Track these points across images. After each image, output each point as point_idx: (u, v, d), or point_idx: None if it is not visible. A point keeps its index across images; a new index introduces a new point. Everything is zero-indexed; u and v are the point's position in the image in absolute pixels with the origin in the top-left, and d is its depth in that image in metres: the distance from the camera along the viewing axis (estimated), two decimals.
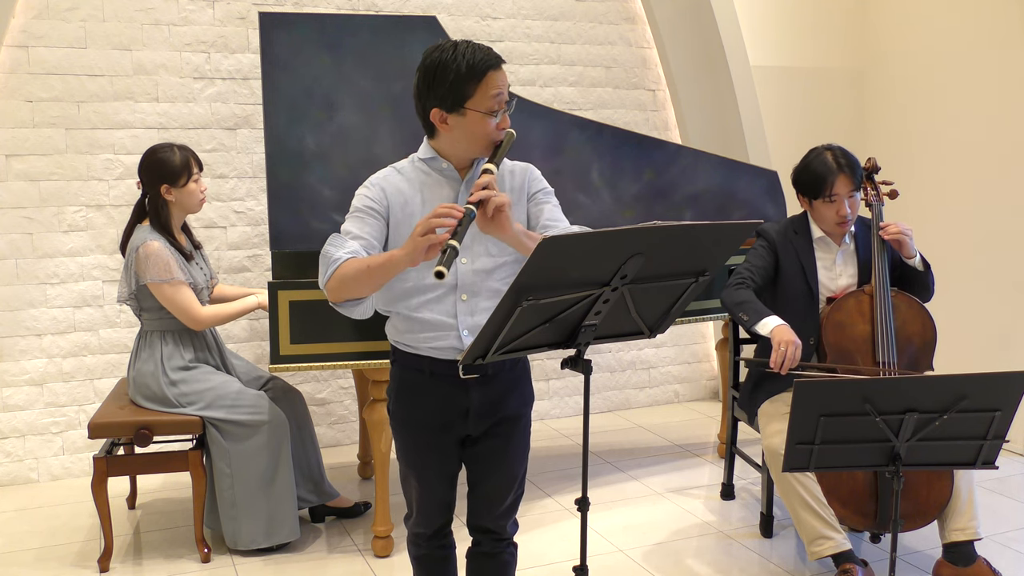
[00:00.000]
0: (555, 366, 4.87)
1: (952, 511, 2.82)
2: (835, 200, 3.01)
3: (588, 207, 3.96)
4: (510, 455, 2.16)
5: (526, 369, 2.20)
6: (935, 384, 2.09)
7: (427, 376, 2.08)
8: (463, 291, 2.04)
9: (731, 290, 3.09)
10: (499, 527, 2.22)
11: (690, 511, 3.61)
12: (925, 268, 3.07)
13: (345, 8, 4.29)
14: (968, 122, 4.50)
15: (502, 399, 2.11)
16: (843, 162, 3.01)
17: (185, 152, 3.22)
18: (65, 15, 3.90)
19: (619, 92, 4.89)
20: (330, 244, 2.02)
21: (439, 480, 2.17)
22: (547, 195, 2.15)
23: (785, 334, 2.85)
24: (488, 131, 2.03)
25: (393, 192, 2.07)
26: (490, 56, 2.01)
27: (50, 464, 4.02)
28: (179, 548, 3.28)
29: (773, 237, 3.16)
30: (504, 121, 2.05)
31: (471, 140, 2.04)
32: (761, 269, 3.13)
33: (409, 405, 2.13)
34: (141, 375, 3.20)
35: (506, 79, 2.04)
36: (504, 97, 2.02)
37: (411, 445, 2.16)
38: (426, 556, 2.28)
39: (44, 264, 3.96)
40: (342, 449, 4.41)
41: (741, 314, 3.01)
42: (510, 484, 2.19)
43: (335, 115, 3.41)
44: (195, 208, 3.27)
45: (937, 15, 4.65)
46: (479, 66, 1.98)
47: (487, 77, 1.99)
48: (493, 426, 2.13)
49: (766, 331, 2.91)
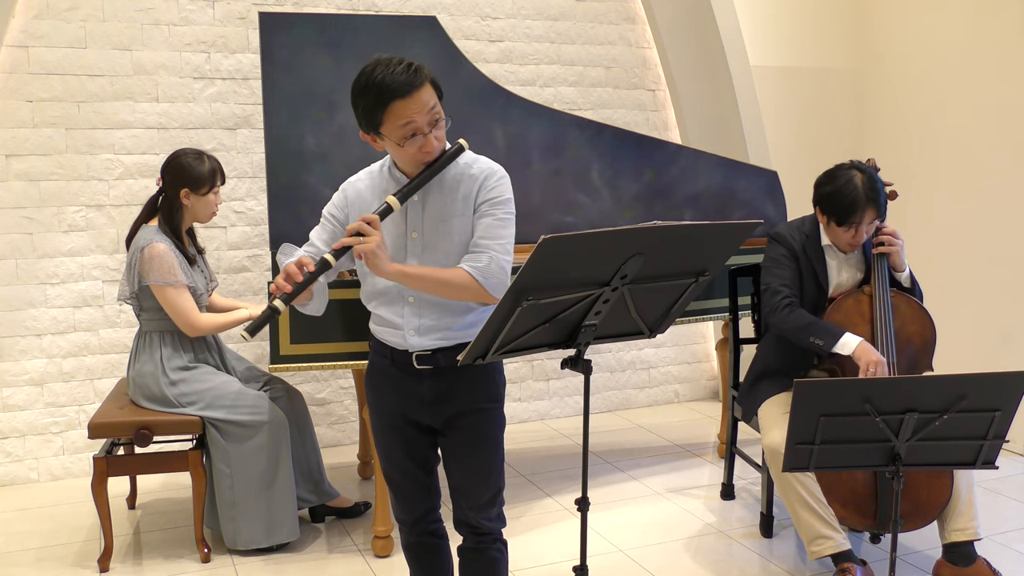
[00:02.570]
0: (555, 366, 4.87)
1: (952, 511, 2.82)
2: (856, 228, 2.96)
3: (588, 207, 3.97)
4: (473, 449, 2.17)
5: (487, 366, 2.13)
6: (935, 384, 2.09)
7: (389, 362, 2.17)
8: (410, 294, 2.09)
9: (784, 314, 2.99)
10: (478, 522, 2.21)
11: (690, 511, 3.61)
12: (912, 285, 3.05)
13: (345, 8, 4.29)
14: (968, 122, 4.50)
15: (455, 393, 2.13)
16: (871, 194, 2.91)
17: (213, 162, 3.23)
18: (65, 15, 3.90)
19: (619, 92, 4.89)
20: (281, 252, 2.20)
21: (408, 463, 2.22)
22: (492, 206, 2.06)
23: (871, 354, 2.80)
24: (407, 155, 2.02)
25: (355, 196, 2.15)
26: (399, 81, 1.94)
27: (50, 464, 4.02)
28: (179, 548, 3.28)
29: (790, 242, 3.10)
30: (427, 144, 1.99)
31: (400, 160, 2.08)
32: (794, 280, 3.06)
33: (375, 389, 2.23)
34: (141, 375, 3.20)
35: (423, 103, 1.96)
36: (418, 125, 1.96)
37: (378, 427, 2.25)
38: (414, 544, 2.31)
39: (44, 264, 3.96)
40: (342, 449, 4.41)
41: (813, 339, 2.91)
42: (480, 477, 2.19)
43: (335, 115, 3.41)
44: (205, 219, 3.28)
45: (937, 15, 4.65)
46: (384, 95, 1.94)
47: (392, 107, 1.95)
48: (453, 419, 2.15)
49: (848, 351, 2.84)
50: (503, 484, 2.23)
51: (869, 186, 2.92)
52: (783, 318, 3.00)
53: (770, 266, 3.12)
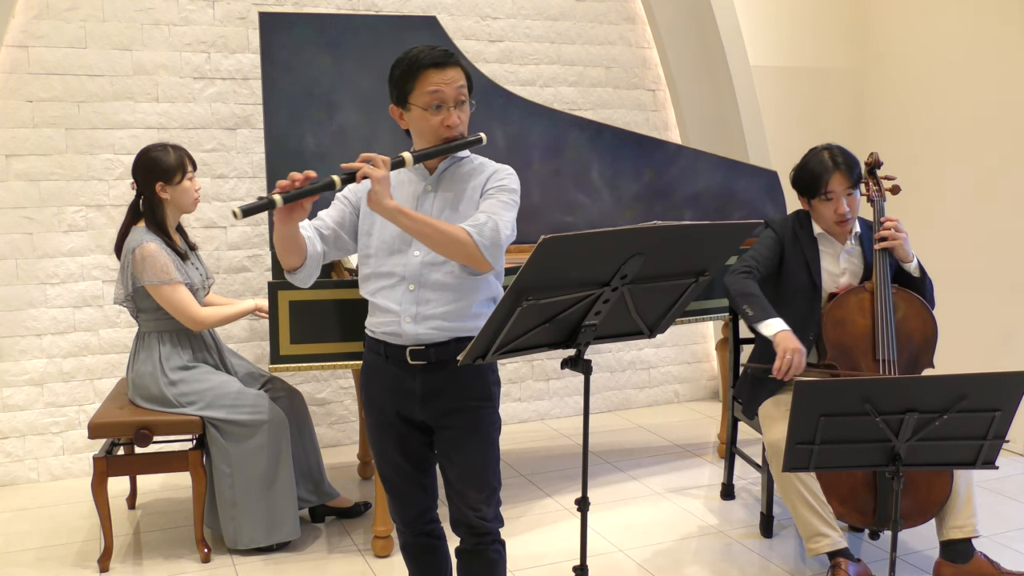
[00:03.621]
0: (555, 366, 4.87)
1: (951, 509, 2.82)
2: (832, 198, 3.00)
3: (588, 207, 3.97)
4: (466, 447, 2.17)
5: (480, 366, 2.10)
6: (935, 384, 2.09)
7: (383, 359, 2.18)
8: (411, 281, 2.11)
9: (736, 277, 3.05)
10: (474, 521, 2.21)
11: (690, 511, 3.61)
12: (921, 274, 3.05)
13: (345, 8, 4.29)
14: (968, 122, 4.50)
15: (446, 387, 2.14)
16: (839, 160, 3.00)
17: (179, 151, 3.22)
18: (65, 15, 3.90)
19: (619, 92, 4.89)
20: None
21: (402, 462, 2.22)
22: (498, 190, 2.13)
23: (789, 341, 2.83)
24: (430, 125, 2.09)
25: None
26: (434, 54, 2.08)
27: (50, 464, 4.02)
28: (179, 548, 3.28)
29: (780, 229, 3.14)
30: (450, 118, 2.09)
31: (420, 136, 2.14)
32: (766, 260, 3.10)
33: (369, 387, 2.24)
34: (140, 376, 3.20)
35: (453, 78, 2.08)
36: (444, 95, 2.07)
37: (371, 425, 2.26)
38: (411, 545, 2.32)
39: (44, 264, 3.96)
40: (342, 449, 4.41)
41: (745, 307, 2.97)
42: (473, 476, 2.18)
43: (335, 115, 3.41)
44: (189, 207, 3.27)
45: (937, 15, 4.65)
46: (416, 64, 2.07)
47: (424, 74, 2.07)
48: (447, 416, 2.16)
49: (769, 333, 2.89)
50: (498, 484, 2.23)
51: (837, 155, 3.02)
52: (733, 279, 3.06)
53: (753, 245, 3.20)
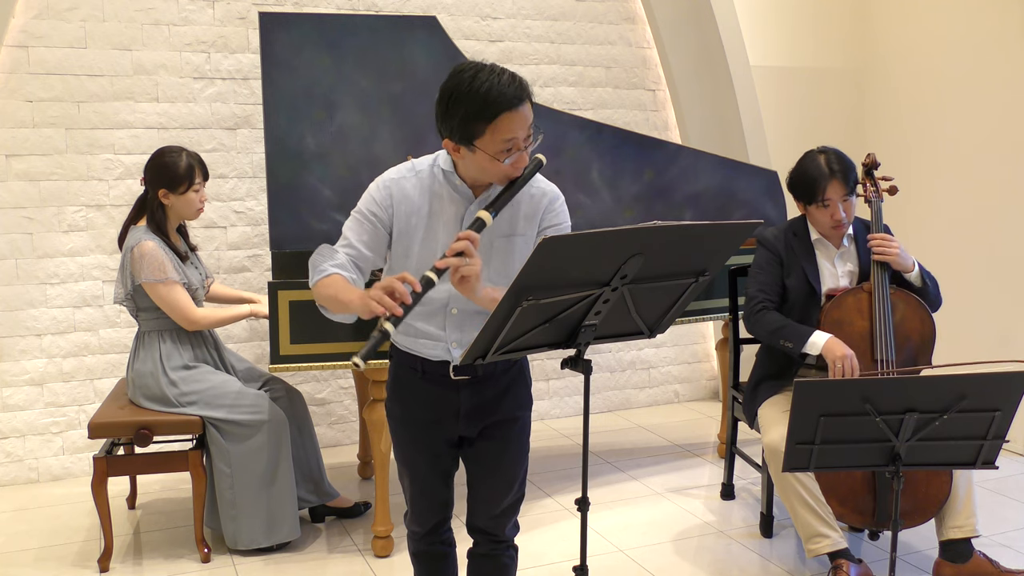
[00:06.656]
0: (555, 366, 4.87)
1: (950, 508, 2.82)
2: (828, 205, 2.99)
3: (588, 207, 3.96)
4: (506, 457, 2.16)
5: (522, 372, 2.18)
6: (935, 384, 2.09)
7: (420, 375, 2.10)
8: (453, 304, 2.04)
9: (756, 317, 3.04)
10: (496, 529, 2.21)
11: (690, 511, 3.61)
12: (924, 283, 3.01)
13: (345, 8, 4.29)
14: (968, 122, 4.50)
15: (493, 402, 2.11)
16: (836, 167, 2.97)
17: (192, 160, 3.20)
18: (65, 15, 3.90)
19: (619, 92, 4.89)
20: (319, 254, 2.02)
21: (431, 477, 2.18)
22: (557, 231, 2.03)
23: (838, 348, 2.84)
24: (499, 172, 1.94)
25: (401, 198, 2.02)
26: (507, 94, 1.85)
27: (50, 464, 4.02)
28: (179, 548, 3.28)
29: (774, 244, 3.13)
30: (520, 160, 1.94)
31: (483, 173, 1.97)
32: (773, 284, 3.09)
33: (403, 402, 2.16)
34: (140, 375, 3.20)
35: (525, 118, 1.89)
36: (518, 141, 1.90)
37: (404, 441, 2.18)
38: (423, 553, 2.29)
39: (44, 264, 3.96)
40: (342, 449, 4.41)
41: (783, 341, 2.96)
42: (507, 486, 2.18)
43: (335, 115, 3.41)
44: (191, 216, 3.27)
45: (937, 15, 4.65)
46: (491, 107, 1.85)
47: (499, 120, 1.86)
48: (488, 428, 2.13)
49: (816, 350, 2.88)
50: (524, 492, 2.23)
51: (833, 161, 2.99)
52: (755, 321, 3.05)
53: (753, 272, 3.17)
